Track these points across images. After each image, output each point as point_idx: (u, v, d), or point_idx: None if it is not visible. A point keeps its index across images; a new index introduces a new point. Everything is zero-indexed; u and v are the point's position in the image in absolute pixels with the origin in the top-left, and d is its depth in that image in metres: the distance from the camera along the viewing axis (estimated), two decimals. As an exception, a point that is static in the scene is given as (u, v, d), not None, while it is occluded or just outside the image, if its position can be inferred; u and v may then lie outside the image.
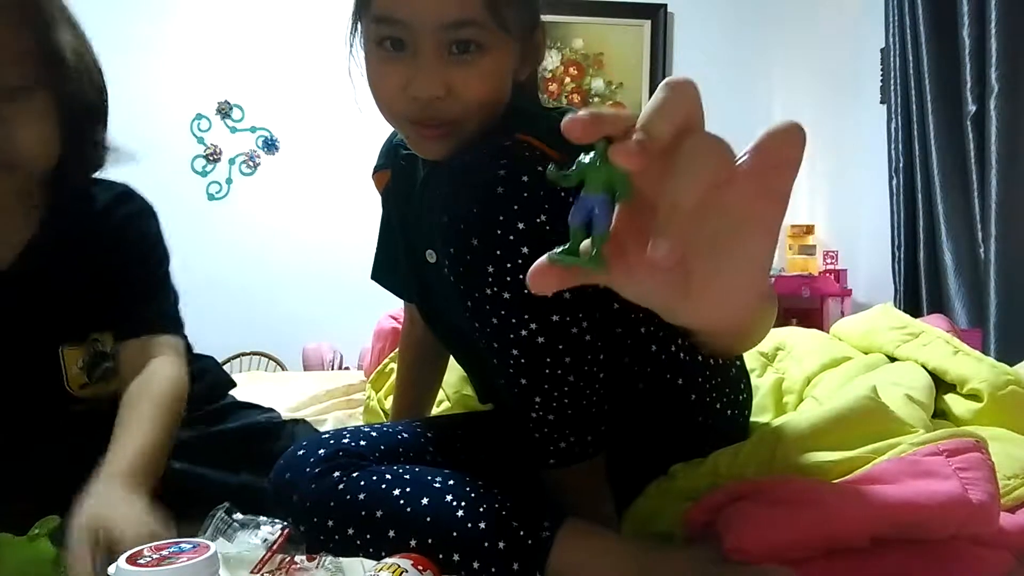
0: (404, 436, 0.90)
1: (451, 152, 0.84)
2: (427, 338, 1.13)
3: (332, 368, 2.97)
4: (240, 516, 0.74)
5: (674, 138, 0.40)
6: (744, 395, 0.93)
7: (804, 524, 0.69)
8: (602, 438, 0.81)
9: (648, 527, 0.82)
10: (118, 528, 0.70)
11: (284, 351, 3.13)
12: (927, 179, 2.52)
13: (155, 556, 0.57)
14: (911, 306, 2.57)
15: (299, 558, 0.69)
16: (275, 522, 0.75)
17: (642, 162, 0.40)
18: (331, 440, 0.84)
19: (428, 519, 0.76)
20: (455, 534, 0.75)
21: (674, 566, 0.72)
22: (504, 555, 0.74)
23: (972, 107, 2.25)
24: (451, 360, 1.22)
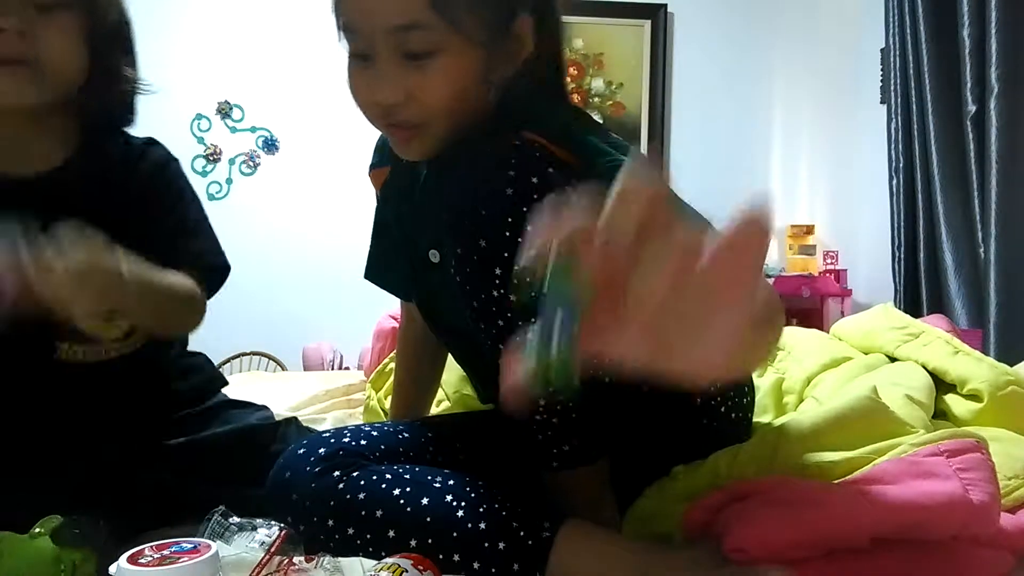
0: (404, 436, 0.90)
1: (431, 151, 0.84)
2: (426, 336, 1.12)
3: (332, 368, 2.97)
4: (237, 519, 0.74)
5: (640, 229, 0.40)
6: (748, 397, 0.93)
7: (804, 525, 0.69)
8: (606, 441, 0.81)
9: (648, 528, 0.82)
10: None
11: (284, 351, 3.13)
12: (927, 179, 2.52)
13: (156, 556, 0.57)
14: (911, 306, 2.57)
15: (297, 559, 0.69)
16: (272, 524, 0.75)
17: (608, 268, 0.40)
18: (331, 439, 0.84)
19: (428, 519, 0.76)
20: (455, 534, 0.75)
21: (674, 566, 0.72)
22: (504, 556, 0.74)
23: (972, 107, 2.26)
24: (451, 360, 1.21)
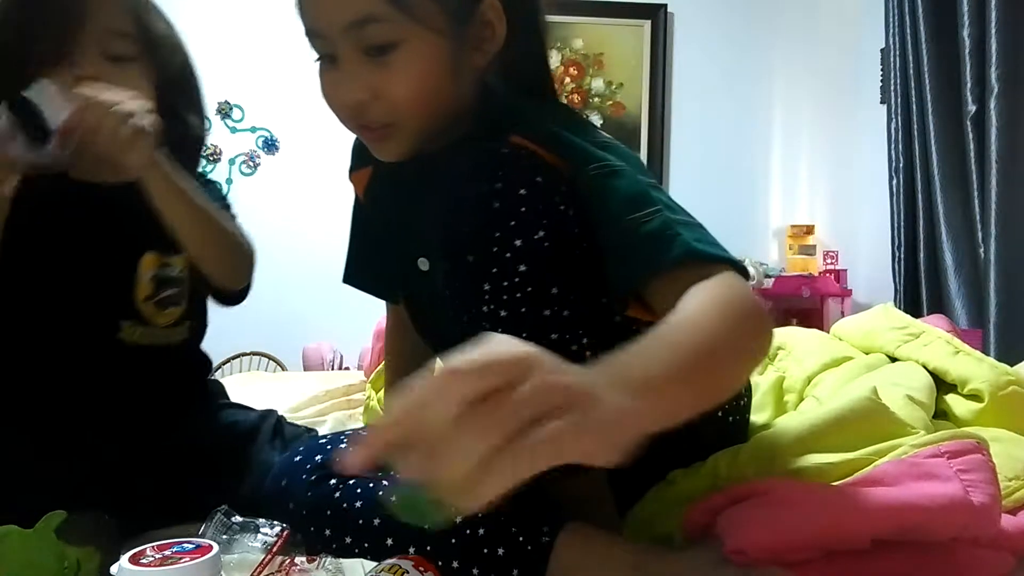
0: None
1: (408, 150, 0.82)
2: (414, 338, 1.09)
3: (332, 368, 2.97)
4: (239, 518, 0.74)
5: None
6: (745, 399, 0.92)
7: (804, 526, 0.69)
8: None
9: (649, 530, 0.82)
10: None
11: (284, 351, 3.13)
12: (927, 179, 2.52)
13: (158, 556, 0.57)
14: (911, 306, 2.57)
15: (299, 559, 0.69)
16: (274, 524, 0.75)
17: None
18: (327, 446, 0.83)
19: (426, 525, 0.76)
20: (454, 541, 0.75)
21: (674, 568, 0.72)
22: (504, 561, 0.73)
23: (972, 107, 2.26)
24: None
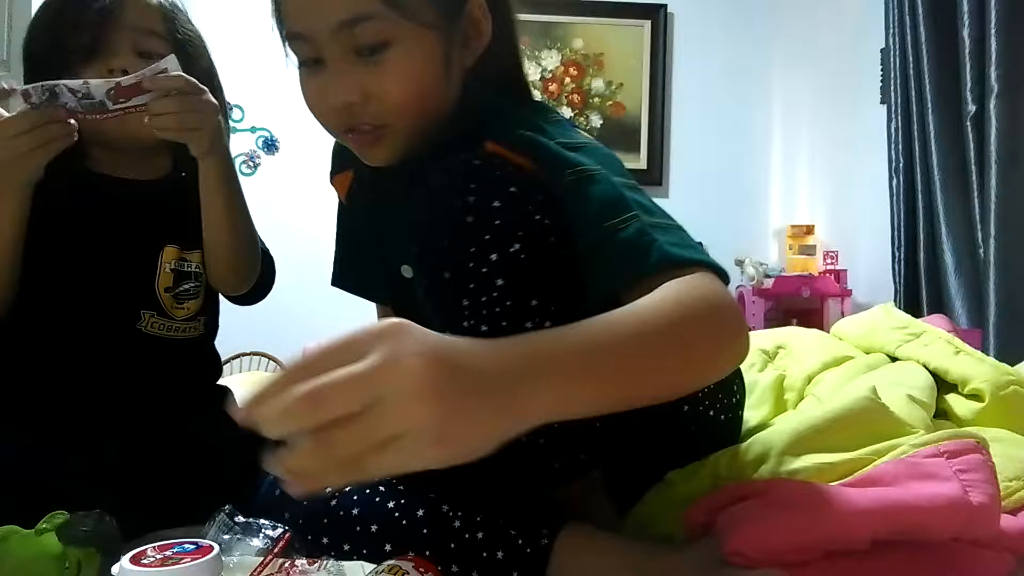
0: None
1: (399, 154, 0.81)
2: None
3: (332, 368, 2.97)
4: (242, 519, 0.74)
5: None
6: (737, 396, 0.92)
7: (803, 527, 0.69)
8: (594, 455, 0.80)
9: (649, 531, 0.82)
10: None
11: (284, 351, 3.13)
12: (927, 179, 2.52)
13: (159, 556, 0.57)
14: (911, 306, 2.56)
15: (300, 561, 0.69)
16: (276, 525, 0.75)
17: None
18: None
19: (425, 531, 0.76)
20: (453, 545, 0.75)
21: (674, 569, 0.72)
22: (503, 565, 0.73)
23: (972, 107, 2.25)
24: None
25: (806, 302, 3.01)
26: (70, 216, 1.08)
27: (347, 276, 1.09)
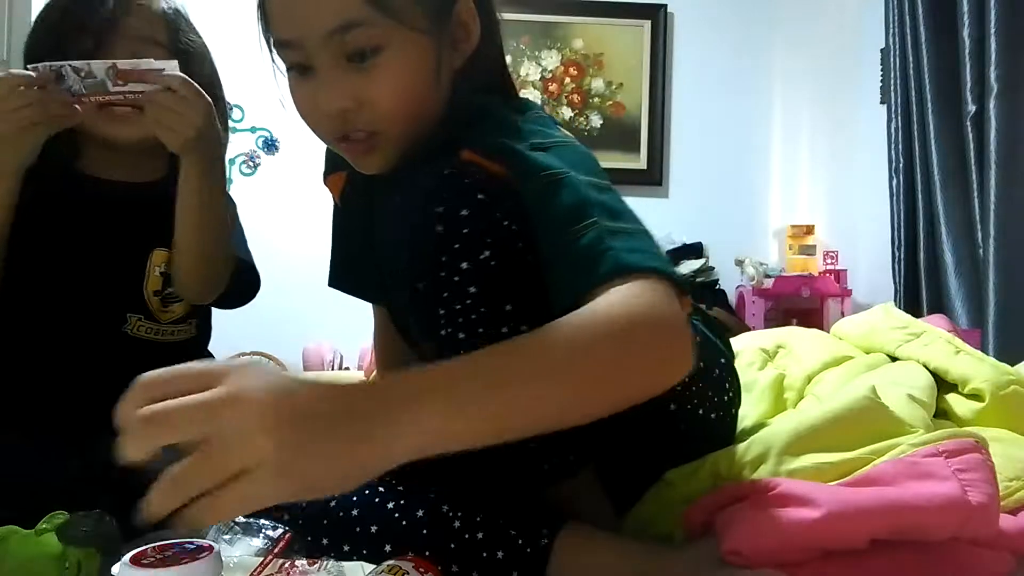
0: None
1: (391, 161, 0.81)
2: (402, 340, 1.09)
3: (332, 368, 2.97)
4: (242, 519, 0.74)
5: None
6: (730, 394, 0.91)
7: (802, 526, 0.69)
8: (584, 454, 0.80)
9: (649, 531, 0.82)
10: None
11: (284, 351, 3.12)
12: (927, 179, 2.52)
13: (159, 557, 0.57)
14: (911, 306, 2.56)
15: (300, 562, 0.69)
16: (277, 526, 0.75)
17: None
18: None
19: (424, 531, 0.76)
20: (452, 545, 0.75)
21: (673, 569, 0.72)
22: (503, 565, 0.73)
23: (972, 107, 2.25)
24: None
25: (806, 302, 3.02)
26: (59, 217, 1.09)
27: (343, 277, 1.08)
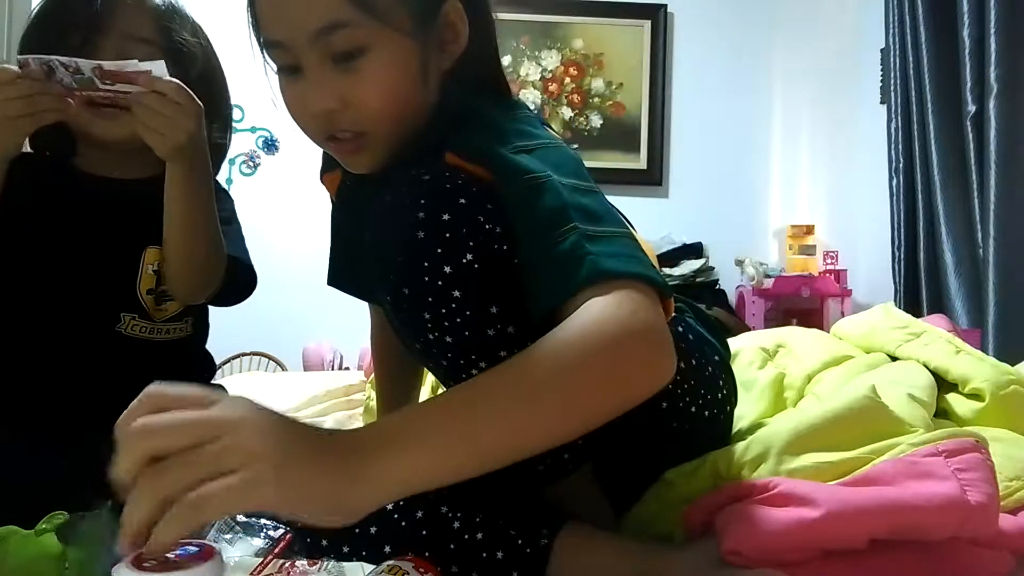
0: None
1: (381, 160, 0.81)
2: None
3: (332, 368, 2.97)
4: (242, 519, 0.74)
5: None
6: (724, 391, 0.91)
7: (801, 526, 0.69)
8: (579, 453, 0.80)
9: (648, 531, 0.82)
10: None
11: (284, 351, 3.13)
12: (927, 179, 2.52)
13: (160, 559, 0.57)
14: (911, 306, 2.56)
15: (300, 562, 0.69)
16: (278, 526, 0.75)
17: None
18: None
19: (424, 532, 0.76)
20: (452, 546, 0.75)
21: (673, 568, 0.72)
22: (503, 565, 0.73)
23: (972, 107, 2.25)
24: None
25: (806, 302, 3.02)
26: (51, 213, 1.07)
27: (341, 276, 1.08)
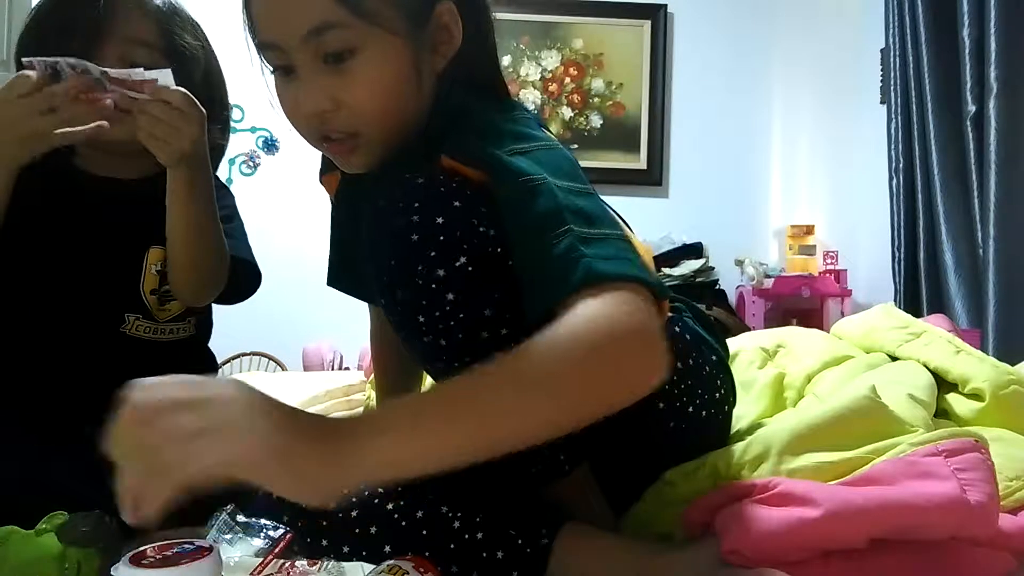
0: None
1: (375, 160, 0.81)
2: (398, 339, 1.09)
3: (332, 368, 2.96)
4: (242, 519, 0.74)
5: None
6: (722, 391, 0.91)
7: (801, 526, 0.69)
8: (575, 453, 0.80)
9: (650, 530, 0.82)
10: None
11: (284, 351, 3.13)
12: (927, 179, 2.52)
13: (159, 557, 0.57)
14: (911, 306, 2.57)
15: (300, 562, 0.69)
16: (278, 526, 0.75)
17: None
18: None
19: (424, 532, 0.76)
20: (452, 546, 0.75)
21: (673, 568, 0.72)
22: (503, 565, 0.73)
23: (972, 107, 2.25)
24: None
25: (806, 302, 3.02)
26: (55, 214, 1.07)
27: (341, 276, 1.08)
